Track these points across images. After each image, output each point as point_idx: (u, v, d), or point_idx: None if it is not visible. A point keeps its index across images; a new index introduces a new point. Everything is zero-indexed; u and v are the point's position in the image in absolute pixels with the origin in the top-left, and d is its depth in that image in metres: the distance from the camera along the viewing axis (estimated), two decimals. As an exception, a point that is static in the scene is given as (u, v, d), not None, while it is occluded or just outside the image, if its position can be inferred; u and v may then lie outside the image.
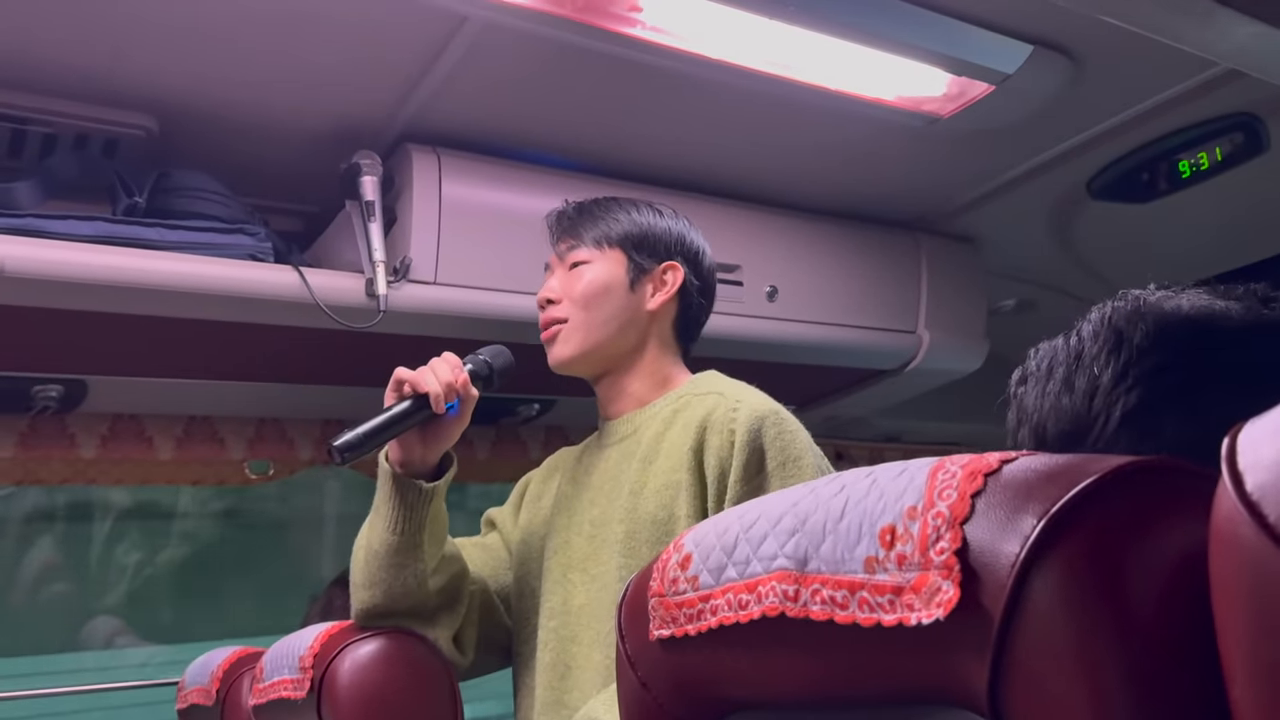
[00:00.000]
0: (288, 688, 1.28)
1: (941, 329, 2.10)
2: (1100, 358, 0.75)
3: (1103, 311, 0.78)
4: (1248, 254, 2.14)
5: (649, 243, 1.41)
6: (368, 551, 1.30)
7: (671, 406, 1.36)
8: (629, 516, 1.29)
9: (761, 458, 1.25)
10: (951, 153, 1.80)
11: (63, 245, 1.38)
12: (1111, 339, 0.75)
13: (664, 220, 1.43)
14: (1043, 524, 0.48)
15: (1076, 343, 0.78)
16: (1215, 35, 1.11)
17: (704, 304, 1.45)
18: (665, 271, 1.41)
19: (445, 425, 1.28)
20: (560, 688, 1.31)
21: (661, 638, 0.68)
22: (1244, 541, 0.38)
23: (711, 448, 1.26)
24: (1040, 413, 0.77)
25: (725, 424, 1.26)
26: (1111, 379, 0.73)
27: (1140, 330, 0.75)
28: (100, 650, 2.73)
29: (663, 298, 1.40)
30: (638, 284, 1.39)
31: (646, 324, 1.40)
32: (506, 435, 2.15)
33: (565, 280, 1.40)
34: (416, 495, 1.27)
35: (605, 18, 1.38)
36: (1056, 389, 0.76)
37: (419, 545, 1.28)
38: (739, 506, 0.69)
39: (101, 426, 1.82)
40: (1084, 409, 0.74)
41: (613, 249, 1.39)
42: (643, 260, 1.40)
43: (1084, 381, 0.75)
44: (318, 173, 1.61)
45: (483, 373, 1.33)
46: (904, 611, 0.52)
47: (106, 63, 1.39)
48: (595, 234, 1.40)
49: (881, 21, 1.41)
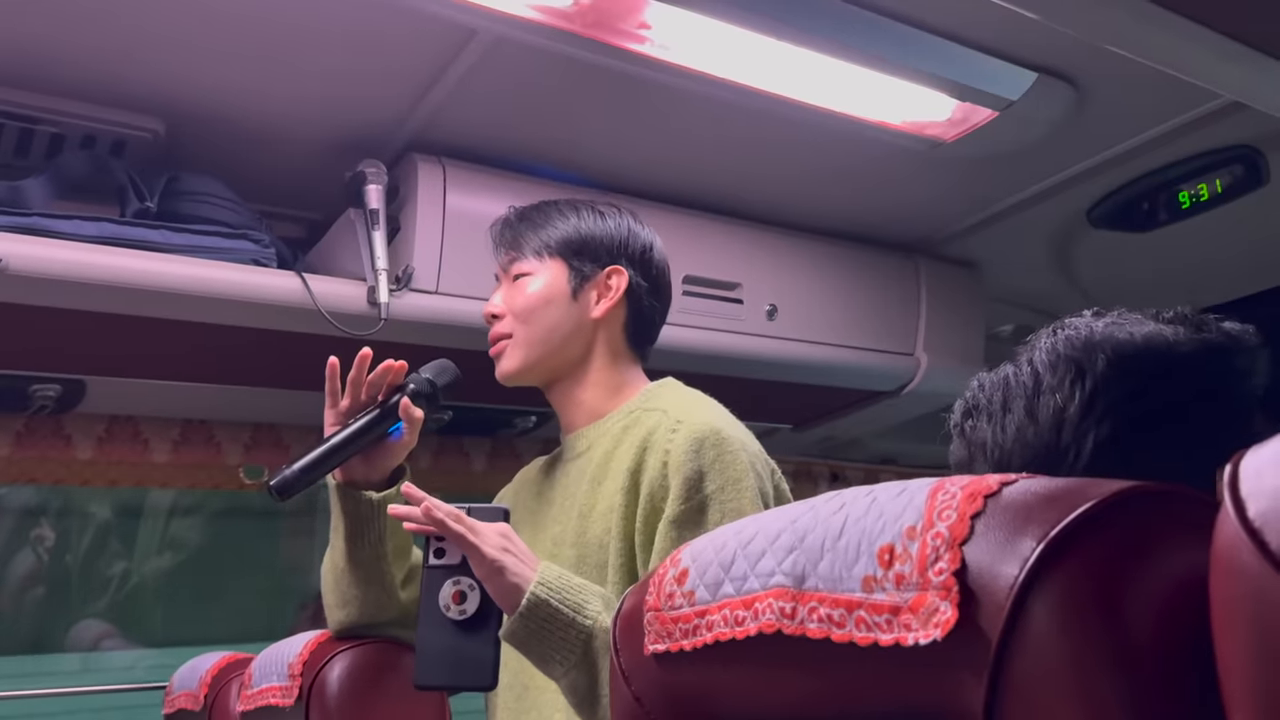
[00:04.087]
0: (276, 695, 1.27)
1: (939, 352, 2.10)
2: (1063, 388, 0.75)
3: (1051, 341, 0.79)
4: (1246, 285, 2.15)
5: (589, 248, 1.35)
6: (334, 571, 1.29)
7: (622, 422, 1.31)
8: (578, 540, 1.26)
9: (700, 480, 1.19)
10: (954, 177, 1.81)
11: (67, 245, 1.38)
12: (1071, 369, 0.76)
13: (606, 222, 1.37)
14: (1042, 547, 0.48)
15: (1029, 373, 0.77)
16: (1219, 66, 1.12)
17: (656, 305, 1.38)
18: (609, 276, 1.34)
19: (388, 448, 1.25)
20: (517, 708, 1.28)
21: (657, 653, 0.68)
22: (1246, 568, 0.39)
23: (647, 468, 1.22)
24: (1002, 448, 0.76)
25: (662, 444, 1.22)
26: (1079, 410, 0.74)
27: (1101, 359, 0.75)
28: (87, 653, 2.71)
29: (608, 304, 1.34)
30: (580, 292, 1.34)
31: (592, 332, 1.34)
32: (503, 447, 2.15)
33: (509, 293, 1.35)
34: (368, 508, 1.25)
35: (613, 34, 1.38)
36: (1018, 421, 0.76)
37: (382, 557, 1.26)
38: (737, 522, 0.69)
39: (98, 428, 1.81)
40: (1053, 440, 0.74)
41: (553, 258, 1.34)
42: (584, 267, 1.34)
43: (1047, 413, 0.75)
44: (322, 180, 1.62)
45: (424, 390, 1.27)
46: (901, 631, 0.52)
47: (116, 65, 1.39)
48: (535, 244, 1.35)
49: (888, 46, 1.42)
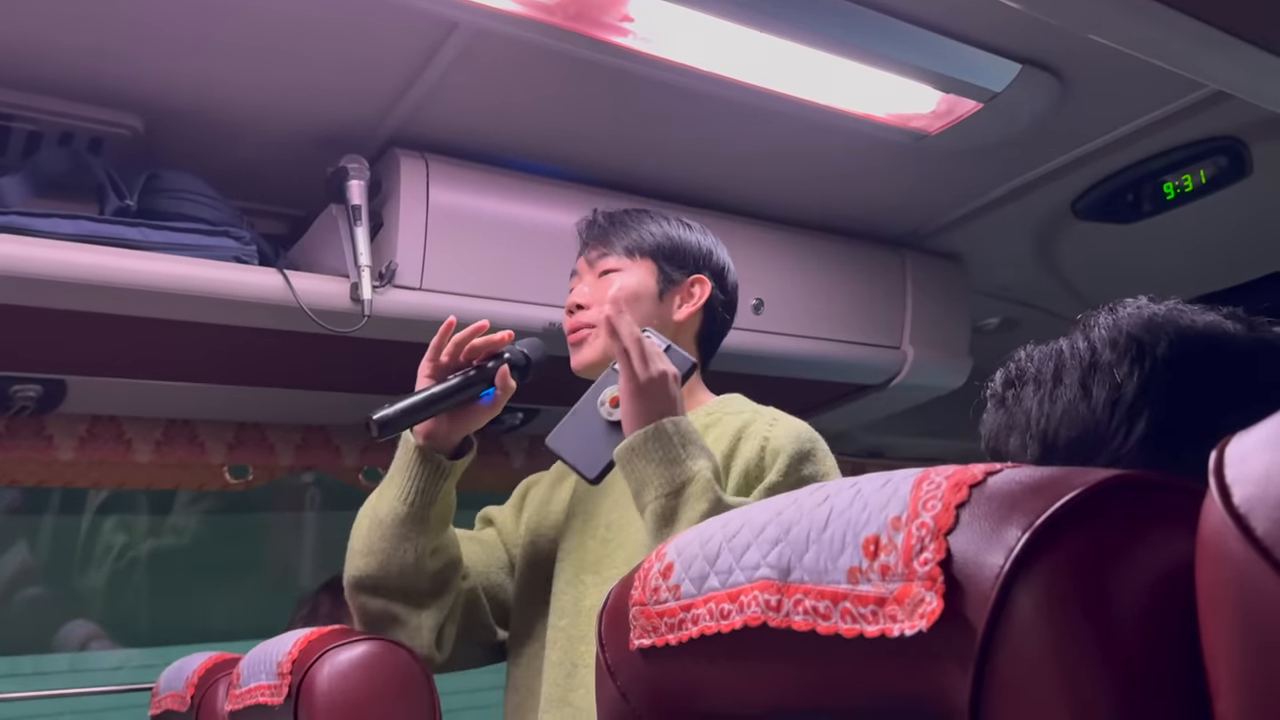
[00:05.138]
0: (265, 694, 1.26)
1: (926, 345, 2.11)
2: (1122, 365, 0.73)
3: (1111, 318, 0.77)
4: (1230, 277, 2.16)
5: (679, 254, 1.42)
6: (373, 519, 1.30)
7: (702, 421, 1.35)
8: None
9: (801, 462, 1.26)
10: (939, 170, 1.81)
11: (45, 243, 1.37)
12: (1133, 347, 0.73)
13: (693, 234, 1.45)
14: (1027, 536, 0.47)
15: (1086, 347, 0.76)
16: (1203, 56, 1.12)
17: (727, 319, 1.47)
18: (693, 284, 1.42)
19: (476, 410, 1.29)
20: (566, 685, 1.31)
21: (642, 647, 0.67)
22: (1231, 555, 0.38)
23: (740, 453, 1.28)
24: (1049, 418, 0.75)
25: (760, 433, 1.28)
26: (1135, 390, 0.72)
27: (1164, 341, 0.73)
28: (74, 653, 2.69)
29: (690, 309, 1.41)
30: (666, 294, 1.40)
31: (672, 335, 1.38)
32: (490, 444, 2.14)
33: (595, 287, 1.41)
34: (435, 469, 1.28)
35: (596, 27, 1.38)
36: (1070, 395, 0.74)
37: (426, 519, 1.28)
38: (722, 515, 0.68)
39: (80, 428, 1.80)
40: (1105, 418, 0.72)
41: (644, 258, 1.41)
42: (672, 271, 1.41)
43: (1104, 390, 0.73)
44: (304, 176, 1.60)
45: (519, 363, 1.31)
46: (887, 622, 0.52)
47: (90, 60, 1.38)
48: (627, 243, 1.41)
49: (872, 37, 1.42)
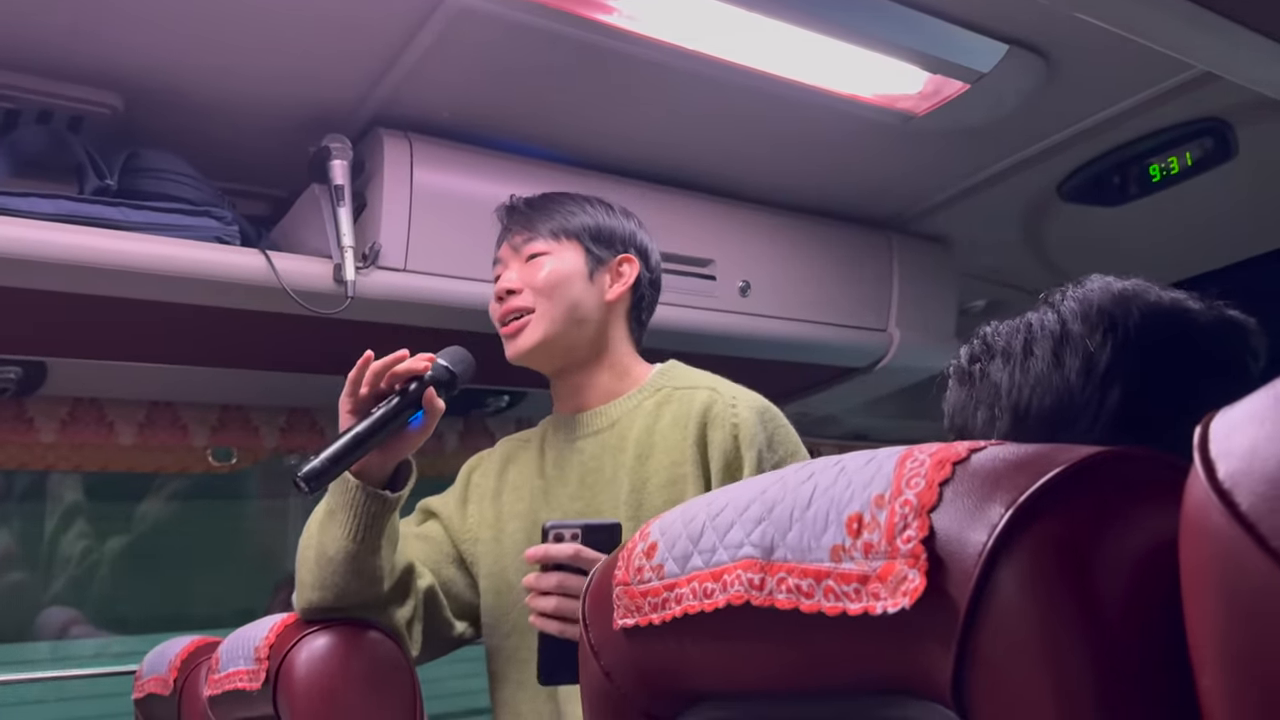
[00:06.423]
0: (243, 679, 1.26)
1: (912, 328, 2.10)
2: (1094, 336, 0.74)
3: (1080, 292, 0.78)
4: (1215, 259, 2.16)
5: (604, 235, 1.42)
6: (320, 555, 1.25)
7: (652, 399, 1.36)
8: (635, 514, 1.29)
9: (768, 448, 1.29)
10: (925, 151, 1.80)
11: (23, 223, 1.35)
12: (1105, 320, 0.75)
13: (616, 216, 1.45)
14: (1010, 513, 0.47)
15: (1055, 320, 0.77)
16: (1189, 35, 1.12)
17: (654, 297, 1.47)
18: (621, 264, 1.42)
19: (406, 438, 1.23)
20: None
21: (626, 627, 0.67)
22: (1215, 530, 0.38)
23: (715, 442, 1.29)
24: (1020, 389, 0.76)
25: (727, 418, 1.30)
26: (1109, 360, 0.73)
27: (1135, 314, 0.75)
28: (55, 640, 2.68)
29: (620, 288, 1.41)
30: (596, 275, 1.40)
31: (605, 315, 1.40)
32: (475, 427, 2.13)
33: (523, 270, 1.39)
34: (380, 505, 1.23)
35: (582, 4, 1.36)
36: (1042, 366, 0.76)
37: (377, 549, 1.25)
38: (706, 494, 0.68)
39: (61, 410, 1.78)
40: (1078, 385, 0.74)
41: (570, 240, 1.40)
42: (600, 251, 1.40)
43: (1077, 360, 0.74)
44: (286, 156, 1.59)
45: (443, 379, 1.24)
46: (870, 600, 0.52)
47: (71, 38, 1.36)
48: (552, 225, 1.40)
49: (859, 17, 1.41)
